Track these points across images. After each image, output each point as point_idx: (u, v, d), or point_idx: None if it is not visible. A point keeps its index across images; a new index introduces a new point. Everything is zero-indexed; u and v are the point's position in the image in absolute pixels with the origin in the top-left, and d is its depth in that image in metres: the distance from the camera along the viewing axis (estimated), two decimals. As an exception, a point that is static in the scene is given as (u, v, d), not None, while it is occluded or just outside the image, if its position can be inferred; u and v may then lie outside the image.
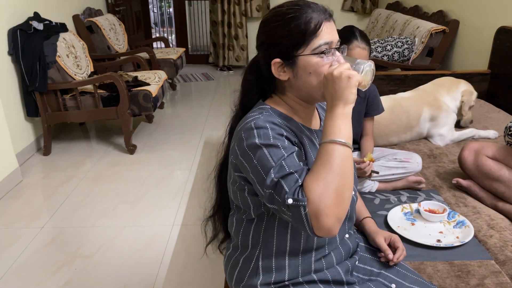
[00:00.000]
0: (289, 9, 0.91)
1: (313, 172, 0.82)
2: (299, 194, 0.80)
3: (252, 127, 0.89)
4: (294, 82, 0.94)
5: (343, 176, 0.81)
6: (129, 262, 1.99)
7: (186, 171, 2.90)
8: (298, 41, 0.89)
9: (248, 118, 0.92)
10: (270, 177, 0.83)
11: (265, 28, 0.95)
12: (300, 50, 0.90)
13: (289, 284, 0.98)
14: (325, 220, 0.78)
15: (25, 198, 2.57)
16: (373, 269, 1.08)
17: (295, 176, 0.83)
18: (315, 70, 0.90)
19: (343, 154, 0.83)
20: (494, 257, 1.38)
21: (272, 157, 0.85)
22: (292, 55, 0.91)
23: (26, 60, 2.89)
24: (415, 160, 1.82)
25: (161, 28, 8.10)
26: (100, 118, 3.13)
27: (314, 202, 0.79)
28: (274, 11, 0.94)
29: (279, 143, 0.86)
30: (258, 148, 0.86)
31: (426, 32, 3.48)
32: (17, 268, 1.95)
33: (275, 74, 0.94)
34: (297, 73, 0.92)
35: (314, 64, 0.90)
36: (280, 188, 0.82)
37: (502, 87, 2.93)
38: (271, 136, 0.87)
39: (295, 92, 0.96)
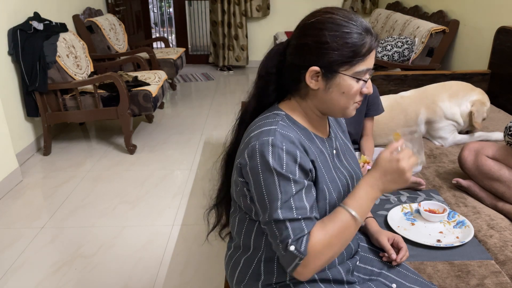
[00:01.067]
0: (344, 21, 0.88)
1: (324, 229, 0.87)
2: (302, 245, 0.84)
3: (268, 142, 0.87)
4: (323, 94, 0.92)
5: (343, 245, 0.89)
6: (129, 262, 1.99)
7: (186, 171, 2.90)
8: (346, 60, 0.87)
9: (264, 127, 0.90)
10: (276, 212, 0.85)
11: (315, 32, 0.88)
12: (344, 68, 0.88)
13: (290, 283, 0.98)
14: (309, 272, 0.87)
15: (25, 198, 2.57)
16: (374, 269, 1.08)
17: (302, 224, 0.86)
18: (349, 92, 0.90)
19: (352, 227, 0.89)
20: (494, 257, 1.38)
21: (281, 189, 0.85)
22: (334, 70, 0.88)
23: (26, 60, 2.89)
24: None
25: (161, 28, 8.10)
26: (100, 118, 3.13)
27: (311, 257, 0.85)
28: (330, 17, 0.88)
29: (291, 175, 0.86)
30: (269, 170, 0.86)
31: (426, 32, 3.48)
32: (17, 268, 1.95)
33: (307, 81, 0.91)
34: (330, 87, 0.90)
35: (349, 85, 0.90)
36: (284, 228, 0.85)
37: (502, 87, 2.93)
38: (285, 163, 0.86)
39: (317, 103, 0.95)
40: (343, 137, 1.12)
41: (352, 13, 0.91)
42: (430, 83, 2.53)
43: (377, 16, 4.72)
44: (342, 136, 1.12)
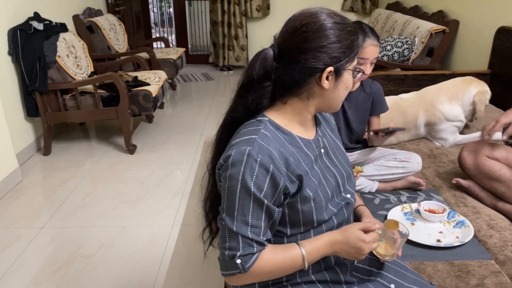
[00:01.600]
0: (347, 23, 0.93)
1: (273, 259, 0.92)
2: (248, 263, 0.89)
3: (244, 152, 0.87)
4: (330, 92, 0.94)
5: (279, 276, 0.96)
6: (129, 262, 1.99)
7: (186, 171, 2.90)
8: (350, 56, 0.92)
9: (244, 136, 0.91)
10: (231, 222, 0.89)
11: (325, 33, 0.88)
12: (349, 64, 0.93)
13: (287, 284, 0.98)
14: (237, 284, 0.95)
15: (25, 198, 2.57)
16: (372, 269, 1.08)
17: (253, 244, 0.89)
18: (350, 85, 0.97)
19: (298, 266, 0.94)
20: (494, 257, 1.38)
21: (239, 201, 0.88)
22: (343, 67, 0.92)
23: (26, 60, 2.89)
24: (415, 160, 1.82)
25: (161, 28, 8.10)
26: (100, 118, 3.13)
27: (248, 276, 0.91)
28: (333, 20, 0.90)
29: (255, 190, 0.87)
30: (236, 180, 0.88)
31: (426, 32, 3.48)
32: (17, 268, 1.95)
33: (322, 82, 0.91)
34: (338, 85, 0.94)
35: (350, 79, 0.96)
36: (235, 239, 0.89)
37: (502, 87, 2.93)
38: (255, 176, 0.87)
39: (321, 101, 0.96)
40: (332, 135, 1.12)
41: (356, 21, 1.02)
42: (430, 83, 2.54)
43: (377, 16, 4.72)
44: (330, 134, 1.12)
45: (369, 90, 1.86)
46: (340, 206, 1.02)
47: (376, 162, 1.85)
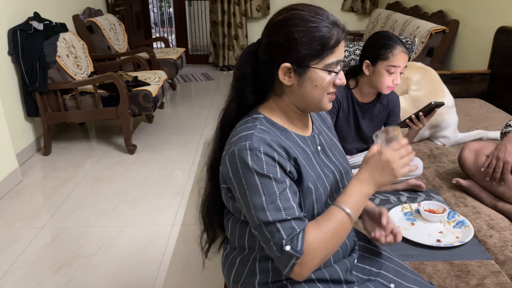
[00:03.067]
0: (313, 17, 0.89)
1: (318, 229, 0.87)
2: (298, 244, 0.84)
3: (246, 147, 0.88)
4: (297, 89, 0.93)
5: (337, 243, 0.89)
6: (129, 262, 1.99)
7: (186, 171, 2.90)
8: (315, 53, 0.89)
9: (242, 133, 0.91)
10: (263, 214, 0.85)
11: (284, 29, 0.90)
12: (314, 62, 0.90)
13: (287, 283, 0.98)
14: (306, 272, 0.86)
15: (25, 198, 2.57)
16: (372, 268, 1.08)
17: (293, 224, 0.86)
18: (321, 85, 0.91)
19: (347, 224, 0.88)
20: (494, 257, 1.38)
21: (264, 191, 0.86)
22: (304, 64, 0.90)
23: (26, 60, 2.89)
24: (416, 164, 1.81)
25: (161, 28, 8.10)
26: (100, 118, 3.13)
27: (307, 256, 0.84)
28: (296, 13, 0.90)
29: (272, 174, 0.87)
30: (250, 172, 0.86)
31: (426, 32, 3.48)
32: (17, 268, 1.95)
33: (280, 78, 0.92)
34: (303, 82, 0.92)
35: (322, 78, 0.91)
36: (275, 230, 0.85)
37: (502, 87, 2.93)
38: (265, 164, 0.87)
39: (293, 99, 0.96)
40: (328, 133, 1.12)
41: (318, 8, 0.92)
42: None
43: (377, 16, 4.72)
44: (327, 132, 1.12)
45: (386, 101, 1.82)
46: None
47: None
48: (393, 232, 1.07)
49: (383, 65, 1.63)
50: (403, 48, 1.63)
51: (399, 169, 0.88)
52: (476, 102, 2.93)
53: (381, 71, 1.64)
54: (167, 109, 4.31)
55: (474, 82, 3.09)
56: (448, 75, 3.09)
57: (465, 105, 2.87)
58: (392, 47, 1.62)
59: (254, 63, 0.98)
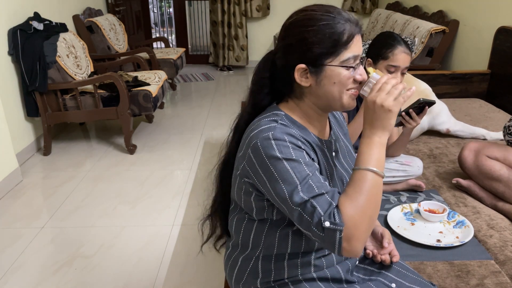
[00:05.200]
0: (323, 15, 0.88)
1: (351, 198, 0.83)
2: (336, 217, 0.81)
3: (269, 137, 0.87)
4: (316, 89, 0.92)
5: (375, 204, 0.84)
6: (129, 262, 1.99)
7: (186, 171, 2.90)
8: (329, 51, 0.88)
9: (263, 126, 0.90)
10: (298, 195, 0.83)
11: (295, 30, 0.90)
12: (329, 59, 0.89)
13: (288, 282, 0.98)
14: (356, 245, 0.81)
15: (25, 198, 2.57)
16: (373, 269, 1.08)
17: (327, 197, 0.83)
18: (340, 80, 0.90)
19: (377, 182, 0.85)
20: (494, 257, 1.38)
21: (296, 173, 0.84)
22: (319, 63, 0.89)
23: (26, 60, 2.89)
24: (416, 164, 1.81)
25: (161, 28, 8.10)
26: (100, 118, 3.13)
27: (350, 227, 0.80)
28: (307, 14, 0.90)
29: (301, 159, 0.86)
30: (279, 160, 0.85)
31: (426, 32, 3.48)
32: (17, 268, 1.95)
33: (297, 80, 0.92)
34: (321, 81, 0.91)
35: (339, 74, 0.89)
36: (312, 208, 0.82)
37: (502, 87, 2.93)
38: (291, 150, 0.86)
39: (314, 99, 0.95)
40: (344, 139, 1.11)
41: (330, 6, 0.91)
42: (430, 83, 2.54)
43: (377, 16, 4.72)
44: (343, 138, 1.11)
45: None
46: None
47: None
48: (391, 254, 1.08)
49: (383, 64, 1.64)
50: (405, 48, 1.63)
51: (392, 103, 0.86)
52: (476, 102, 2.93)
53: (381, 70, 1.65)
54: (167, 109, 4.31)
55: (474, 82, 3.09)
56: (448, 75, 3.09)
57: (465, 105, 2.87)
58: (393, 47, 1.62)
59: (272, 68, 0.98)
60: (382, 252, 1.09)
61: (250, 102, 1.01)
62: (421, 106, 1.63)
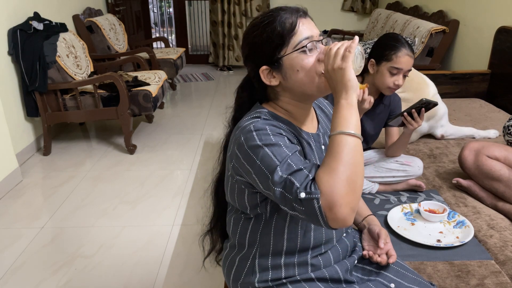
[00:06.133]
0: (263, 18, 0.93)
1: (324, 164, 0.81)
2: (311, 187, 0.79)
3: (251, 129, 0.88)
4: (286, 84, 0.94)
5: (353, 165, 0.80)
6: (129, 262, 1.99)
7: (186, 171, 2.90)
8: (278, 43, 0.90)
9: (246, 121, 0.92)
10: (277, 175, 0.82)
11: (246, 41, 0.96)
12: (282, 51, 0.91)
13: (286, 282, 0.98)
14: (340, 211, 0.77)
15: (25, 198, 2.57)
16: (372, 268, 1.08)
17: (305, 171, 0.82)
18: (302, 66, 0.90)
19: (352, 144, 0.82)
20: (494, 257, 1.38)
21: (276, 156, 0.84)
22: (276, 58, 0.91)
23: (26, 60, 2.89)
24: (416, 164, 1.81)
25: (161, 28, 8.10)
26: (100, 118, 3.13)
27: (327, 193, 0.77)
28: (251, 24, 0.96)
29: (281, 142, 0.86)
30: (260, 148, 0.86)
31: (426, 32, 3.48)
32: (17, 268, 1.95)
33: (265, 81, 0.94)
34: (285, 74, 0.92)
35: (299, 60, 0.90)
36: (291, 184, 0.80)
37: (502, 87, 2.93)
38: (271, 136, 0.87)
39: (289, 94, 0.96)
40: None
41: (272, 8, 0.95)
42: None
43: (377, 16, 4.72)
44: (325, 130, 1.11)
45: (387, 101, 1.81)
46: None
47: (376, 163, 1.84)
48: (388, 254, 1.08)
49: (386, 66, 1.64)
50: (408, 51, 1.63)
51: (340, 62, 0.85)
52: (476, 102, 2.93)
53: (384, 71, 1.64)
54: (167, 109, 4.31)
55: (474, 82, 3.09)
56: (448, 75, 3.09)
57: (465, 105, 2.87)
58: (397, 49, 1.62)
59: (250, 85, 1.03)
60: (379, 253, 1.08)
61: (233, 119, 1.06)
62: (423, 106, 1.63)
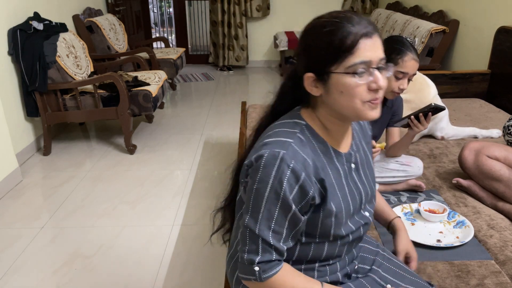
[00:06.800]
0: (326, 22, 0.84)
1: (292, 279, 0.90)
2: (267, 273, 0.88)
3: (278, 156, 0.84)
4: (326, 99, 0.88)
5: None
6: (129, 262, 1.99)
7: (186, 171, 2.90)
8: (331, 58, 0.83)
9: (280, 136, 0.88)
10: (254, 224, 0.87)
11: (302, 40, 0.89)
12: (333, 67, 0.83)
13: None
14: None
15: (25, 198, 2.57)
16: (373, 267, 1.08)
17: (272, 251, 0.88)
18: (347, 89, 0.83)
19: None
20: (494, 257, 1.38)
21: (266, 205, 0.86)
22: (324, 71, 0.85)
23: (26, 60, 2.89)
24: (416, 164, 1.81)
25: (161, 28, 8.10)
26: (100, 118, 3.13)
27: (264, 286, 0.89)
28: (313, 22, 0.88)
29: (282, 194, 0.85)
30: (265, 182, 0.85)
31: (426, 32, 3.48)
32: (17, 268, 1.95)
33: (307, 88, 0.89)
34: (328, 90, 0.86)
35: (346, 82, 0.83)
36: (255, 243, 0.87)
37: (502, 87, 2.93)
38: (285, 181, 0.84)
39: (328, 109, 0.90)
40: (366, 149, 1.06)
41: (342, 11, 0.86)
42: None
43: (377, 16, 4.72)
44: (365, 147, 1.06)
45: (390, 104, 1.79)
46: (359, 225, 0.99)
47: (377, 163, 1.84)
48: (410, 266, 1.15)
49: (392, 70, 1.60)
50: (414, 55, 1.60)
51: None
52: (476, 102, 2.93)
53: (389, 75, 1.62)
54: (167, 109, 4.31)
55: (474, 82, 3.09)
56: (448, 75, 3.09)
57: (465, 105, 2.87)
58: (403, 53, 1.59)
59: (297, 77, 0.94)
60: None
61: (272, 107, 1.01)
62: (431, 110, 1.63)
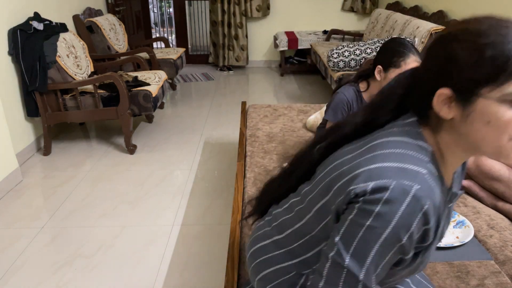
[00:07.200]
0: (488, 31, 0.66)
1: None
2: None
3: (410, 192, 0.66)
4: (460, 126, 0.70)
5: None
6: (129, 262, 1.99)
7: (186, 171, 2.90)
8: (487, 78, 0.65)
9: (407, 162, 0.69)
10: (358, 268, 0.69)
11: (446, 45, 0.69)
12: (486, 89, 0.65)
13: None
14: None
15: (25, 198, 2.57)
16: None
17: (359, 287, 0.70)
18: (497, 123, 0.65)
19: None
20: (494, 257, 1.38)
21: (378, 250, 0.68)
22: (471, 92, 0.66)
23: (26, 60, 2.89)
24: None
25: (161, 28, 8.10)
26: (100, 118, 3.13)
27: None
28: (467, 26, 0.68)
29: (405, 241, 0.68)
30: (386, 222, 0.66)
31: (426, 32, 3.48)
32: (17, 268, 1.95)
33: (435, 107, 0.71)
34: (468, 115, 0.68)
35: (498, 114, 0.65)
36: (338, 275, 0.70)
37: (502, 87, 2.92)
38: (414, 227, 0.67)
39: (455, 137, 0.72)
40: (458, 187, 0.89)
41: (501, 20, 0.68)
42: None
43: (377, 16, 4.72)
44: (458, 186, 0.89)
45: None
46: None
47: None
48: None
49: (394, 73, 1.59)
50: (417, 57, 1.58)
51: None
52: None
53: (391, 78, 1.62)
54: (167, 109, 4.31)
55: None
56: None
57: (465, 105, 2.86)
58: (405, 55, 1.57)
59: (409, 86, 0.79)
60: None
61: (365, 115, 0.83)
62: None
